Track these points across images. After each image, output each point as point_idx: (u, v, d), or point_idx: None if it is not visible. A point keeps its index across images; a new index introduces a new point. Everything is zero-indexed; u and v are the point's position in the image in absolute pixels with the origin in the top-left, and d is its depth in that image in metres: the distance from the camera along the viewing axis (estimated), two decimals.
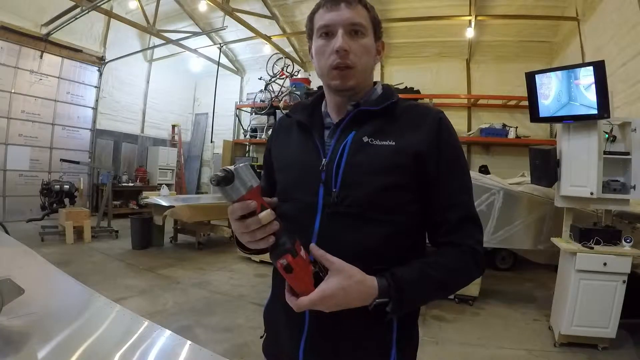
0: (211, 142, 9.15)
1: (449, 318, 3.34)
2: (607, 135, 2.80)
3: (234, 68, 9.84)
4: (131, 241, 5.44)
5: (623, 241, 2.69)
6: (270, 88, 7.85)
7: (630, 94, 4.08)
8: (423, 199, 0.77)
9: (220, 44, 8.49)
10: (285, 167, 0.85)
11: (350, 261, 0.66)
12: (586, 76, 2.67)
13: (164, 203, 5.25)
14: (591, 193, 2.68)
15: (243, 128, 8.89)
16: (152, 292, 3.68)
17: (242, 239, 0.65)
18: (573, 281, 2.68)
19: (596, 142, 2.69)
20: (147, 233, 5.46)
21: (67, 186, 5.91)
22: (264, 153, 0.98)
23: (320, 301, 0.64)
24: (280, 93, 7.60)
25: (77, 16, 6.40)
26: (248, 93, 9.03)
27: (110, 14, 6.83)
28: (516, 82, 6.14)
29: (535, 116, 3.03)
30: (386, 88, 0.86)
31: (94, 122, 8.11)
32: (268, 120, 8.11)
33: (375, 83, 0.87)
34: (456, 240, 0.76)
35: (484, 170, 6.67)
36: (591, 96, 2.65)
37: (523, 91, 3.27)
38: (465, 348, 2.81)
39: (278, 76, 7.79)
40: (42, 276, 1.37)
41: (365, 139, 0.76)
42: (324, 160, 0.77)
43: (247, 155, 8.90)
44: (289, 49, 8.51)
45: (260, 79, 7.97)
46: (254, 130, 8.49)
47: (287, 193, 0.81)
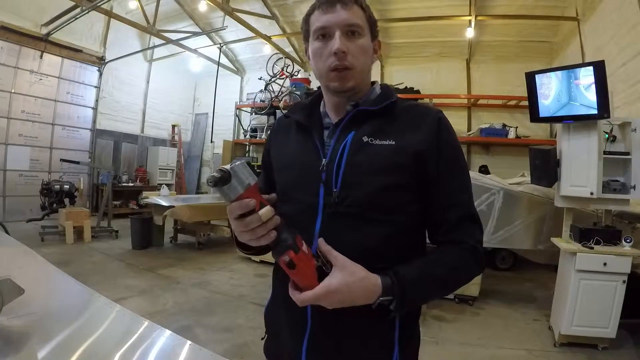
0: (211, 142, 9.15)
1: (449, 318, 3.34)
2: (607, 135, 2.80)
3: (234, 68, 9.84)
4: (131, 241, 5.44)
5: (623, 241, 2.69)
6: (270, 88, 7.85)
7: (630, 94, 4.08)
8: (423, 199, 0.77)
9: (220, 44, 8.49)
10: (284, 168, 0.85)
11: (353, 261, 0.67)
12: (586, 76, 2.67)
13: (164, 203, 5.26)
14: (591, 193, 2.68)
15: (243, 128, 8.90)
16: (152, 292, 3.68)
17: (243, 238, 0.65)
18: (573, 281, 2.68)
19: (596, 142, 2.69)
20: (147, 233, 5.46)
21: (67, 186, 5.91)
22: (263, 153, 0.97)
23: (324, 296, 0.63)
24: (280, 93, 7.60)
25: (77, 16, 6.40)
26: (248, 93, 9.03)
27: (110, 14, 6.83)
28: (516, 82, 6.14)
29: (535, 116, 3.03)
30: (385, 88, 0.86)
31: (94, 122, 8.11)
32: (268, 120, 8.11)
33: (373, 83, 0.87)
34: (456, 238, 0.76)
35: (484, 170, 6.67)
36: (591, 96, 2.65)
37: (523, 91, 3.27)
38: (465, 348, 2.81)
39: (278, 76, 7.79)
40: (42, 276, 1.37)
41: (365, 139, 0.76)
42: (324, 160, 0.77)
43: (247, 155, 8.90)
44: (289, 49, 8.51)
45: (260, 79, 7.97)
46: (254, 130, 8.49)
47: (287, 193, 0.81)
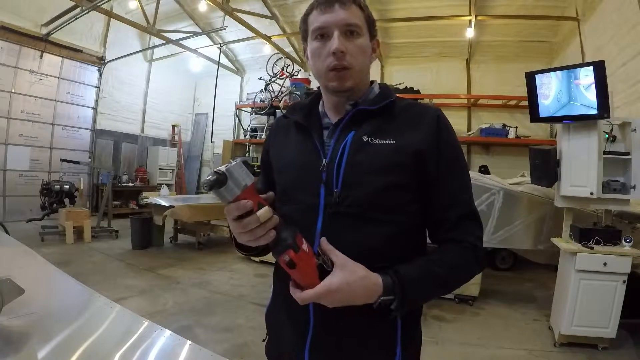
0: (211, 142, 9.15)
1: (449, 318, 3.34)
2: (607, 135, 2.80)
3: (234, 68, 9.84)
4: (131, 241, 5.44)
5: (623, 241, 2.69)
6: (270, 88, 7.86)
7: (630, 94, 4.08)
8: (423, 198, 0.77)
9: (220, 44, 8.49)
10: (284, 168, 0.85)
11: (354, 261, 0.67)
12: (586, 76, 2.67)
13: (164, 203, 5.26)
14: (591, 193, 2.68)
15: (243, 128, 8.90)
16: (152, 292, 3.68)
17: (241, 239, 0.64)
18: (573, 281, 2.68)
19: (596, 142, 2.69)
20: (147, 233, 5.46)
21: (67, 186, 5.91)
22: (262, 154, 0.97)
23: (325, 294, 0.63)
24: (280, 93, 7.60)
25: (77, 16, 6.39)
26: (248, 93, 9.03)
27: (110, 14, 6.83)
28: (516, 82, 6.13)
29: (535, 116, 3.03)
30: (383, 87, 0.86)
31: (94, 122, 8.11)
32: (268, 120, 8.11)
33: (372, 82, 0.87)
34: (457, 237, 0.76)
35: (484, 170, 6.67)
36: (591, 96, 2.65)
37: (523, 91, 3.27)
38: (465, 348, 2.81)
39: (278, 76, 7.79)
40: (42, 276, 1.37)
41: (365, 139, 0.76)
42: (325, 160, 0.77)
43: (247, 154, 8.89)
44: (289, 49, 8.51)
45: (260, 79, 7.97)
46: (254, 130, 8.49)
47: (288, 194, 0.81)
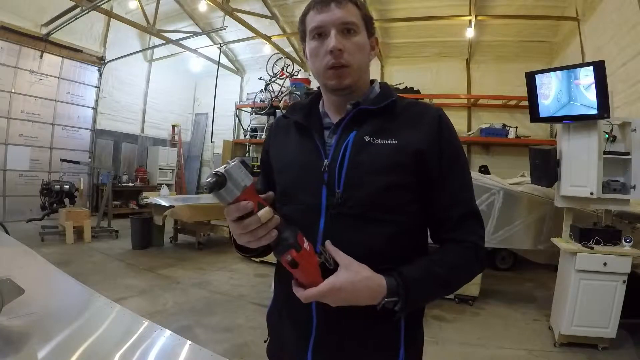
0: (211, 142, 9.15)
1: (449, 318, 3.34)
2: (607, 135, 2.80)
3: (234, 68, 9.84)
4: (131, 241, 5.44)
5: (623, 241, 2.69)
6: (270, 88, 7.86)
7: (630, 94, 4.08)
8: (425, 198, 0.77)
9: (220, 44, 8.49)
10: (285, 168, 0.84)
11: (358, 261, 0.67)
12: (586, 76, 2.67)
13: (164, 203, 5.26)
14: (591, 193, 2.68)
15: (243, 128, 8.90)
16: (152, 292, 3.68)
17: (241, 240, 0.63)
18: (573, 281, 2.68)
19: (596, 142, 2.69)
20: (147, 233, 5.45)
21: (67, 186, 5.91)
22: (261, 154, 0.96)
23: (328, 293, 0.63)
24: (280, 93, 7.60)
25: (77, 16, 6.39)
26: (248, 93, 9.03)
27: (110, 14, 6.83)
28: (516, 82, 6.13)
29: (535, 116, 3.03)
30: (384, 86, 0.85)
31: (94, 122, 8.11)
32: (268, 120, 8.10)
33: (372, 82, 0.86)
34: (458, 236, 0.76)
35: (484, 170, 6.66)
36: (591, 96, 2.65)
37: (523, 91, 3.27)
38: (465, 348, 2.81)
39: (278, 76, 7.79)
40: (42, 276, 1.37)
41: (366, 139, 0.75)
42: (326, 160, 0.76)
43: (247, 155, 8.89)
44: (289, 49, 8.51)
45: (260, 79, 7.97)
46: (254, 130, 8.49)
47: (289, 195, 0.80)
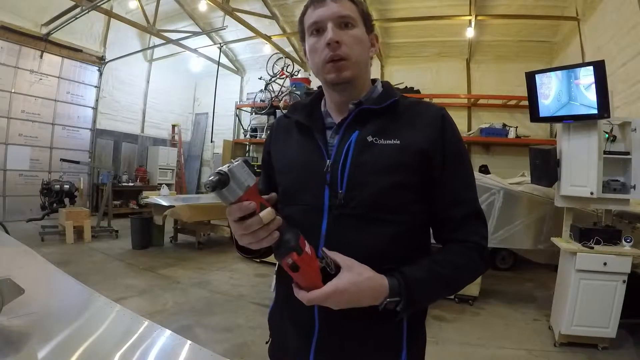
0: (211, 142, 9.15)
1: (449, 318, 3.34)
2: (607, 135, 2.81)
3: (234, 68, 9.84)
4: (131, 241, 5.44)
5: (623, 241, 2.69)
6: (270, 88, 7.86)
7: (630, 94, 4.08)
8: (427, 198, 0.76)
9: (220, 44, 8.49)
10: (287, 169, 0.83)
11: (360, 262, 0.67)
12: (586, 76, 2.67)
13: (164, 203, 5.26)
14: (591, 193, 2.68)
15: (243, 128, 8.90)
16: (152, 292, 3.68)
17: (243, 241, 0.63)
18: (573, 281, 2.68)
19: (596, 142, 2.69)
20: (147, 233, 5.45)
21: (67, 186, 5.91)
22: (263, 154, 0.96)
23: (332, 295, 0.63)
24: (280, 93, 7.60)
25: (77, 16, 6.39)
26: (248, 93, 9.03)
27: (110, 14, 6.83)
28: (516, 82, 6.12)
29: (535, 116, 3.03)
30: (386, 86, 0.85)
31: (94, 122, 8.12)
32: (268, 120, 8.11)
33: (374, 81, 0.86)
34: (462, 237, 0.76)
35: (484, 170, 6.66)
36: (591, 96, 2.65)
37: (523, 91, 3.27)
38: (465, 348, 2.81)
39: (278, 76, 7.79)
40: (42, 276, 1.37)
41: (369, 139, 0.75)
42: (328, 161, 0.76)
43: (247, 154, 8.89)
44: (289, 49, 8.51)
45: (260, 79, 7.97)
46: (254, 130, 8.49)
47: (291, 195, 0.79)
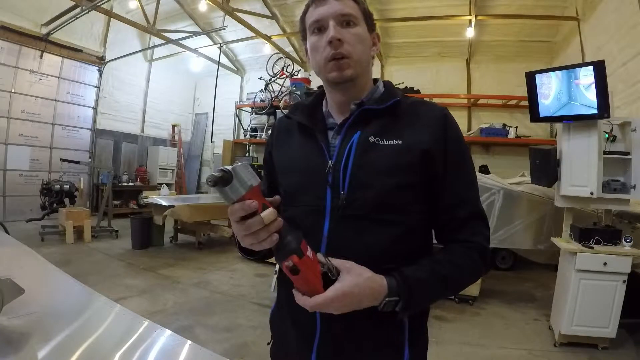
0: (211, 142, 9.14)
1: (449, 318, 3.34)
2: (607, 135, 2.81)
3: (234, 68, 9.83)
4: (131, 241, 5.44)
5: (623, 241, 2.69)
6: (270, 88, 7.85)
7: (630, 94, 4.08)
8: (429, 198, 0.76)
9: (220, 44, 8.48)
10: (289, 170, 0.83)
11: (362, 264, 0.66)
12: (586, 76, 2.67)
13: (164, 203, 5.25)
14: (591, 193, 2.68)
15: (243, 128, 8.89)
16: (152, 292, 3.68)
17: (245, 242, 0.62)
18: (573, 281, 2.68)
19: (596, 142, 2.69)
20: (147, 233, 5.45)
21: (67, 186, 5.90)
22: (264, 155, 0.95)
23: (336, 299, 0.62)
24: (280, 93, 7.60)
25: (77, 16, 6.39)
26: (248, 93, 9.03)
27: (110, 14, 6.83)
28: (516, 82, 6.13)
29: (535, 116, 3.03)
30: (388, 85, 0.84)
31: (94, 122, 8.11)
32: (268, 120, 8.12)
33: (376, 81, 0.86)
34: (463, 237, 0.75)
35: (484, 170, 6.66)
36: (591, 96, 2.65)
37: (523, 91, 3.27)
38: (465, 348, 2.81)
39: (278, 76, 7.79)
40: (42, 276, 1.37)
41: (371, 139, 0.75)
42: (330, 162, 0.75)
43: (247, 155, 8.90)
44: (289, 49, 8.51)
45: (260, 79, 7.97)
46: (254, 130, 8.49)
47: (293, 196, 0.79)
